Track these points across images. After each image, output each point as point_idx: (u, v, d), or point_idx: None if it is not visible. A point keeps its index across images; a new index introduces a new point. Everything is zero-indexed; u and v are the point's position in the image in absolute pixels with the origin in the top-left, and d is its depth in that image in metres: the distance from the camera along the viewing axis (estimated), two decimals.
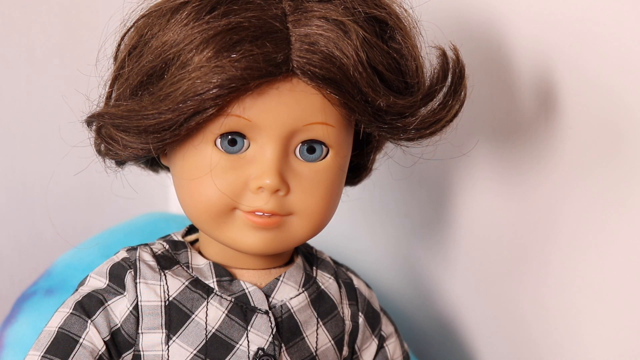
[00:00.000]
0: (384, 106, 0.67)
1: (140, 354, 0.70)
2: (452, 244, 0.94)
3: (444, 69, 0.70)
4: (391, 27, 0.68)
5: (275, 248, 0.69)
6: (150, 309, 0.70)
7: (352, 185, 0.78)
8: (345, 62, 0.65)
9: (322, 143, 0.68)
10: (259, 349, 0.70)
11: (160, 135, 0.66)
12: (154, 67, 0.66)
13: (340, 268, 0.78)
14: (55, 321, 0.69)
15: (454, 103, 0.70)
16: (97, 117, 0.69)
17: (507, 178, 0.86)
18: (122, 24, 0.70)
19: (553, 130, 0.80)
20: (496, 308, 0.90)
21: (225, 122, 0.66)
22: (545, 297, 0.84)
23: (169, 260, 0.72)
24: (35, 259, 1.11)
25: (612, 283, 0.78)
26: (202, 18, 0.65)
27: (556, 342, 0.84)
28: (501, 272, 0.89)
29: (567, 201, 0.80)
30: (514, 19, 0.82)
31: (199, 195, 0.68)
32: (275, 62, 0.64)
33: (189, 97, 0.64)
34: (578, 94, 0.78)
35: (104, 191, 0.86)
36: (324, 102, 0.67)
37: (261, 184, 0.66)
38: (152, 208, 1.13)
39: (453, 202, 0.93)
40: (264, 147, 0.67)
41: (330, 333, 0.74)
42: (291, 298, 0.73)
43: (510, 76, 0.83)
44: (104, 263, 0.72)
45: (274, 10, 0.65)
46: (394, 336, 0.79)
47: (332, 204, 0.70)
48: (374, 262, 1.04)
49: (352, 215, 1.05)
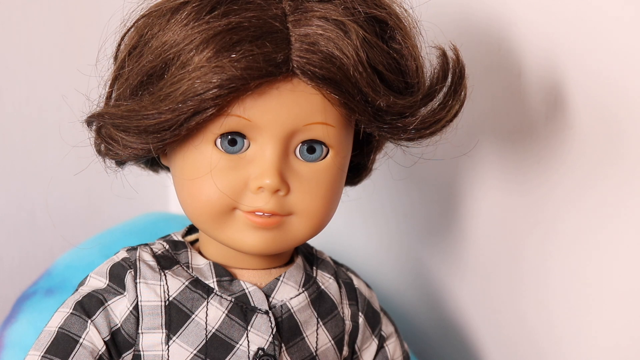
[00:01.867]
0: (384, 106, 0.67)
1: (140, 354, 0.70)
2: (452, 243, 0.94)
3: (444, 69, 0.70)
4: (391, 27, 0.68)
5: (275, 248, 0.69)
6: (150, 309, 0.70)
7: (352, 185, 0.78)
8: (345, 62, 0.65)
9: (322, 143, 0.68)
10: (259, 349, 0.70)
11: (160, 135, 0.66)
12: (154, 67, 0.66)
13: (340, 268, 0.78)
14: (55, 321, 0.69)
15: (454, 103, 0.70)
16: (97, 117, 0.69)
17: (508, 178, 0.86)
18: (122, 24, 0.70)
19: (553, 130, 0.80)
20: (497, 308, 0.90)
21: (225, 122, 0.66)
22: (546, 297, 0.84)
23: (169, 260, 0.72)
24: (35, 259, 1.11)
25: (622, 282, 0.77)
26: (202, 18, 0.65)
27: (559, 344, 0.84)
28: (502, 272, 0.89)
29: (568, 201, 0.80)
30: (514, 19, 0.82)
31: (199, 195, 0.68)
32: (275, 62, 0.64)
33: (188, 97, 0.64)
34: (578, 94, 0.78)
35: (104, 191, 0.86)
36: (324, 102, 0.67)
37: (261, 184, 0.66)
38: (152, 208, 1.13)
39: (453, 202, 0.93)
40: (264, 147, 0.67)
41: (330, 333, 0.74)
42: (291, 298, 0.73)
43: (510, 76, 0.83)
44: (104, 263, 0.72)
45: (274, 10, 0.65)
46: (394, 336, 0.79)
47: (332, 204, 0.70)
48: (374, 262, 1.04)
49: (351, 215, 1.04)
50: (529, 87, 0.82)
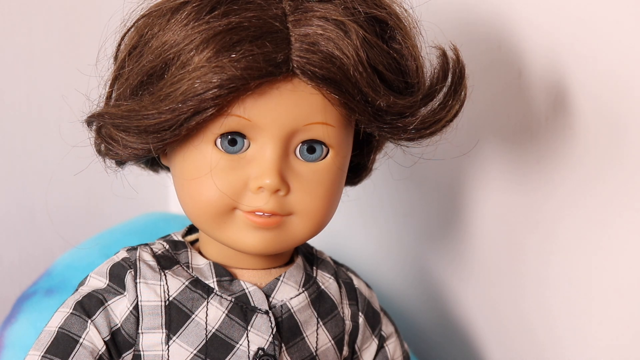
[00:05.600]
0: (384, 106, 0.67)
1: (140, 354, 0.70)
2: (452, 243, 0.94)
3: (444, 69, 0.70)
4: (391, 27, 0.68)
5: (275, 248, 0.69)
6: (151, 308, 0.70)
7: (352, 185, 0.78)
8: (345, 62, 0.65)
9: (322, 143, 0.68)
10: (259, 349, 0.70)
11: (161, 135, 0.66)
12: (154, 67, 0.66)
13: (340, 268, 0.78)
14: (55, 321, 0.69)
15: (454, 103, 0.70)
16: (97, 117, 0.69)
17: (508, 178, 0.86)
18: (122, 24, 0.70)
19: (554, 130, 0.80)
20: (497, 307, 0.90)
21: (225, 122, 0.66)
22: (547, 296, 0.84)
23: (169, 260, 0.72)
24: (35, 259, 1.11)
25: (623, 283, 0.77)
26: (202, 18, 0.65)
27: (559, 344, 0.84)
28: (502, 272, 0.89)
29: (569, 201, 0.80)
30: (514, 19, 0.82)
31: (199, 195, 0.68)
32: (275, 62, 0.64)
33: (188, 97, 0.64)
34: (579, 93, 0.78)
35: (104, 191, 0.86)
36: (324, 102, 0.67)
37: (261, 184, 0.66)
38: (152, 208, 1.13)
39: (453, 202, 0.93)
40: (264, 147, 0.67)
41: (331, 333, 0.74)
42: (291, 298, 0.73)
43: (510, 76, 0.83)
44: (104, 263, 0.72)
45: (274, 10, 0.65)
46: (394, 336, 0.79)
47: (332, 204, 0.70)
48: (374, 262, 1.04)
49: (352, 215, 1.05)
50: (529, 87, 0.82)
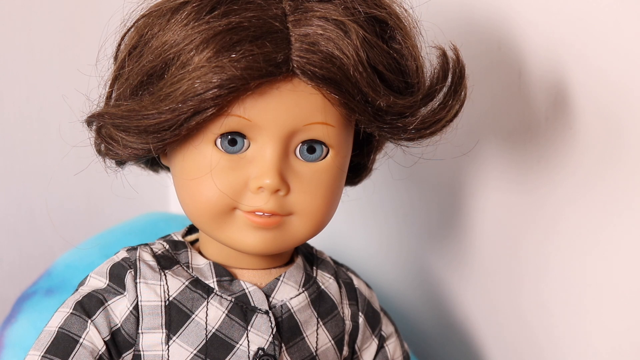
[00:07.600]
0: (384, 106, 0.67)
1: (140, 354, 0.70)
2: (452, 243, 0.94)
3: (444, 69, 0.70)
4: (391, 27, 0.68)
5: (275, 248, 0.69)
6: (151, 308, 0.70)
7: (352, 185, 0.78)
8: (345, 62, 0.65)
9: (322, 143, 0.68)
10: (259, 349, 0.70)
11: (161, 135, 0.66)
12: (154, 67, 0.66)
13: (340, 268, 0.78)
14: (55, 321, 0.69)
15: (454, 103, 0.70)
16: (97, 117, 0.69)
17: (508, 178, 0.86)
18: (122, 24, 0.70)
19: (554, 130, 0.80)
20: (497, 307, 0.90)
21: (225, 122, 0.66)
22: (546, 296, 0.84)
23: (169, 260, 0.72)
24: (35, 259, 1.11)
25: (622, 282, 0.77)
26: (202, 18, 0.65)
27: (558, 344, 0.84)
28: (502, 272, 0.89)
29: (568, 201, 0.80)
30: (514, 19, 0.82)
31: (199, 195, 0.68)
32: (275, 62, 0.64)
33: (188, 97, 0.64)
34: (579, 93, 0.78)
35: (104, 191, 0.86)
36: (324, 102, 0.67)
37: (261, 184, 0.66)
38: (152, 208, 1.13)
39: (453, 202, 0.93)
40: (264, 147, 0.67)
41: (331, 333, 0.74)
42: (291, 298, 0.73)
43: (510, 75, 0.83)
44: (104, 263, 0.72)
45: (274, 10, 0.65)
46: (394, 336, 0.79)
47: (332, 203, 0.70)
48: (374, 262, 1.04)
49: (352, 215, 1.05)
50: (529, 87, 0.82)
